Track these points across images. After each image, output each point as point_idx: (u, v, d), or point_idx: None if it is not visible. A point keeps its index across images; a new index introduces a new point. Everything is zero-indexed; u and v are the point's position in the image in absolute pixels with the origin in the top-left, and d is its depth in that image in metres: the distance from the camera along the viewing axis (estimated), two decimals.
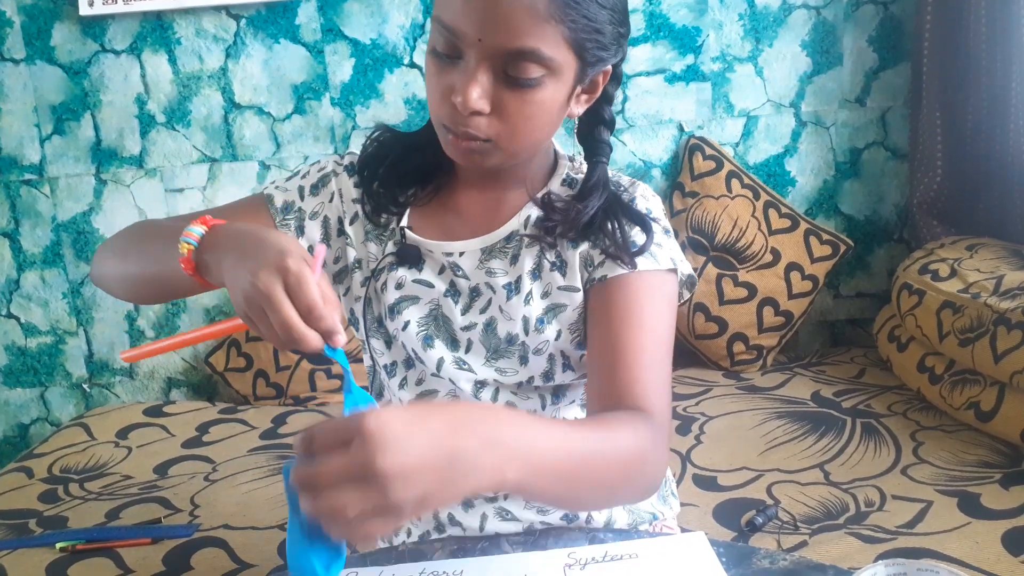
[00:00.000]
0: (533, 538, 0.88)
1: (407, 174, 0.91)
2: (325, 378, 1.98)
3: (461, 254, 0.88)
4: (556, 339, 0.88)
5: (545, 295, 0.87)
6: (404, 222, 0.89)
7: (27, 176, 2.07)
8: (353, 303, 0.93)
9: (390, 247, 0.90)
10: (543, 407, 0.91)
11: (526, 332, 0.87)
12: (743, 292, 1.96)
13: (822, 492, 1.37)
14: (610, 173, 0.91)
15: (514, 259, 0.88)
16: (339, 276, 0.94)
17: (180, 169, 2.08)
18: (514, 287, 0.87)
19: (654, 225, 0.86)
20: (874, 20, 2.05)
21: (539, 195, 0.88)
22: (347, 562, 0.82)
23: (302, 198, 0.91)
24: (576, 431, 0.67)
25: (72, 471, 1.70)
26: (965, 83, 1.92)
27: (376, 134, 0.93)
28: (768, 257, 1.99)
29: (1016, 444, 1.45)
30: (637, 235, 0.85)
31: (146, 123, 2.05)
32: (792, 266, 1.99)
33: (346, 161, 0.94)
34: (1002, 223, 1.90)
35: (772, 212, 2.02)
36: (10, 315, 2.13)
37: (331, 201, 0.92)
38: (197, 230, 0.74)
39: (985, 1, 1.83)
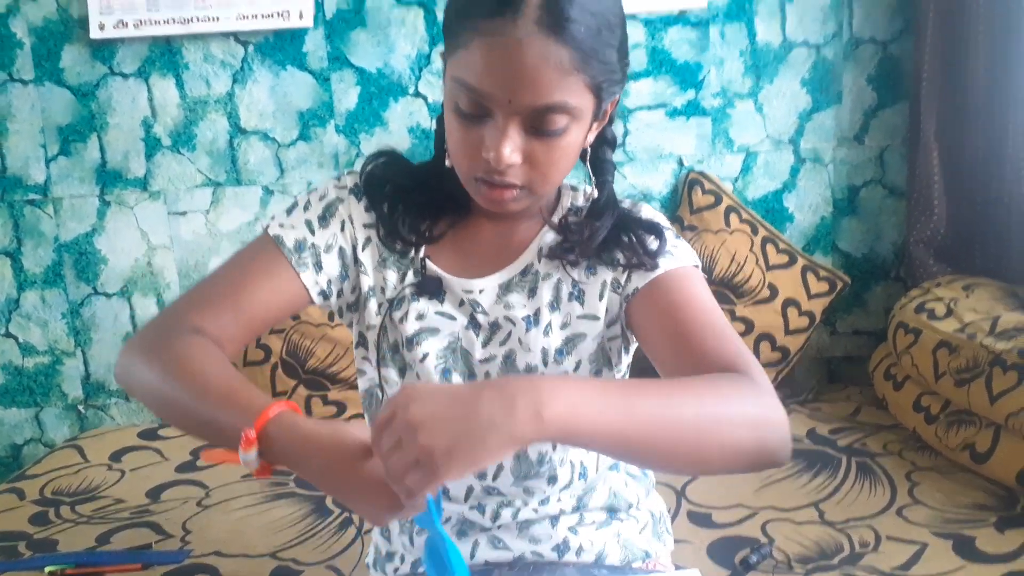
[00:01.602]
0: (526, 573, 0.88)
1: (421, 206, 0.90)
2: (321, 404, 1.98)
3: (480, 291, 0.89)
4: (575, 371, 0.88)
5: (564, 326, 0.88)
6: (422, 252, 0.90)
7: (31, 196, 2.08)
8: (366, 330, 0.92)
9: (410, 277, 0.89)
10: (553, 447, 0.90)
11: (545, 364, 0.87)
12: (740, 327, 1.96)
13: (817, 532, 1.36)
14: None
15: (532, 292, 0.89)
16: (353, 306, 0.93)
17: (184, 192, 2.09)
18: (533, 319, 0.88)
19: (666, 232, 0.89)
20: (873, 60, 2.08)
21: (555, 219, 0.90)
22: None
23: (312, 232, 0.88)
24: (630, 386, 0.65)
25: (64, 493, 1.70)
26: (963, 124, 1.94)
27: (381, 159, 0.92)
28: (765, 292, 1.99)
29: (1011, 487, 1.44)
30: (652, 243, 0.87)
31: (152, 146, 2.07)
32: (789, 302, 1.99)
33: (349, 183, 0.92)
34: (999, 263, 1.91)
35: (770, 247, 2.03)
36: (8, 334, 2.13)
37: (342, 230, 0.90)
38: (251, 456, 0.70)
39: (983, 43, 1.86)
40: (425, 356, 0.88)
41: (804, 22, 2.06)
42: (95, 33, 1.98)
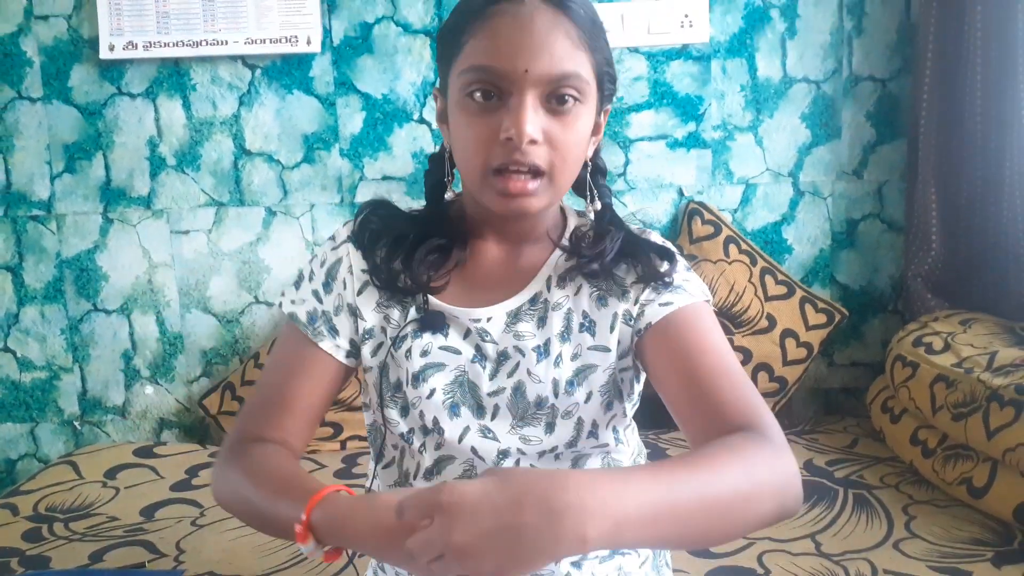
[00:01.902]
0: None
1: (423, 260, 0.89)
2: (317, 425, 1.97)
3: (488, 319, 0.88)
4: (586, 402, 0.87)
5: (575, 356, 0.87)
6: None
7: (35, 212, 2.10)
8: (365, 372, 0.92)
9: (413, 313, 0.89)
10: None
11: (556, 395, 0.87)
12: (739, 356, 1.93)
13: (813, 563, 1.36)
14: None
15: (541, 321, 0.88)
16: (355, 352, 0.93)
17: (187, 211, 2.11)
18: (543, 350, 0.87)
19: (678, 260, 0.89)
20: (872, 96, 2.11)
21: (564, 241, 0.91)
22: None
23: (320, 301, 0.91)
24: (662, 476, 0.62)
25: (58, 510, 1.68)
26: (960, 161, 1.96)
27: (378, 209, 0.94)
28: (764, 323, 2.00)
29: (1008, 522, 1.44)
30: (662, 265, 0.88)
31: (156, 165, 2.09)
32: (787, 333, 2.00)
33: (344, 234, 0.93)
34: (996, 299, 1.92)
35: (769, 279, 2.04)
36: (7, 348, 2.13)
37: (345, 288, 0.91)
38: (309, 547, 0.72)
39: (980, 82, 1.89)
40: (432, 392, 0.87)
41: (804, 59, 2.09)
42: (105, 54, 2.01)
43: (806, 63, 2.09)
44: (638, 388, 0.93)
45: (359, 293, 0.91)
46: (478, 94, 0.79)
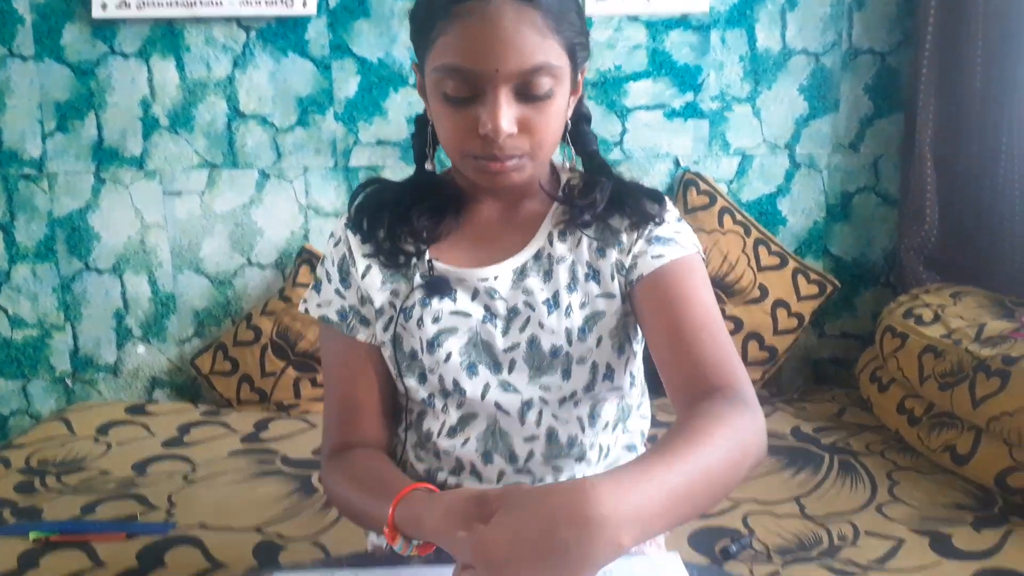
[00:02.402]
0: None
1: (419, 216, 0.91)
2: (310, 386, 1.98)
3: (495, 278, 0.89)
4: (597, 346, 0.89)
5: (584, 305, 0.89)
6: (427, 255, 0.91)
7: (26, 171, 2.08)
8: (381, 347, 0.93)
9: (418, 279, 0.90)
10: (582, 430, 0.92)
11: (569, 343, 0.88)
12: (730, 326, 1.98)
13: (797, 525, 1.38)
14: None
15: (547, 275, 0.89)
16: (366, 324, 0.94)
17: (180, 173, 2.10)
18: (553, 302, 0.89)
19: (668, 202, 0.91)
20: (871, 70, 2.10)
21: (559, 192, 0.92)
22: (321, 564, 0.83)
23: (344, 297, 0.93)
24: (675, 464, 0.64)
25: (50, 464, 1.70)
26: (957, 135, 1.97)
27: (368, 188, 0.95)
28: (756, 293, 2.01)
29: (989, 488, 1.46)
30: (653, 208, 0.90)
31: (149, 126, 2.08)
32: (779, 303, 2.01)
33: (342, 224, 0.95)
34: (987, 273, 1.93)
35: (762, 249, 2.05)
36: None
37: (362, 277, 0.92)
38: (398, 546, 0.77)
39: (980, 56, 1.88)
40: (448, 356, 0.89)
41: (804, 30, 2.08)
42: (97, 12, 1.99)
43: (805, 35, 2.08)
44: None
45: (363, 276, 0.92)
46: (452, 91, 0.80)
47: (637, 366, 0.96)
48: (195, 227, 2.12)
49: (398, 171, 2.09)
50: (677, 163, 2.14)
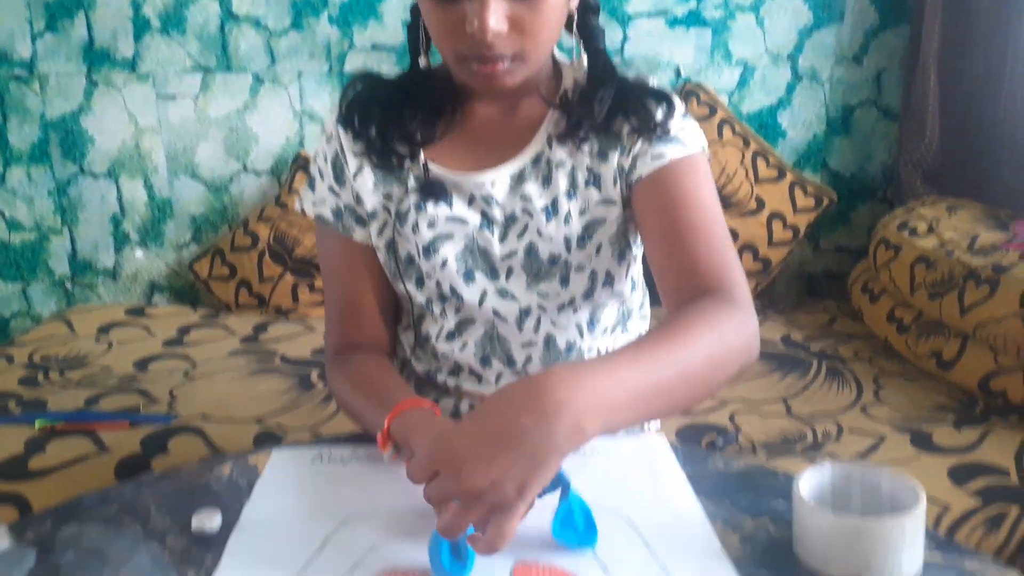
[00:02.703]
0: None
1: (412, 114, 0.88)
2: (308, 291, 2.00)
3: (492, 183, 0.87)
4: (597, 254, 0.88)
5: (583, 212, 0.87)
6: (422, 157, 0.88)
7: (17, 72, 2.05)
8: (375, 252, 0.92)
9: (412, 183, 0.87)
10: (581, 336, 0.92)
11: (568, 251, 0.87)
12: None
13: (782, 423, 1.42)
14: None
15: (546, 181, 0.87)
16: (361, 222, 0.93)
17: (173, 76, 2.07)
18: (551, 209, 0.86)
19: (675, 106, 0.86)
20: None
21: (557, 98, 0.88)
22: (318, 443, 0.85)
23: (338, 195, 0.91)
24: (642, 358, 0.64)
25: (52, 360, 1.73)
26: (963, 48, 1.93)
27: (359, 83, 0.91)
28: (752, 205, 2.01)
29: (972, 392, 1.50)
30: (659, 112, 0.85)
31: (140, 27, 2.03)
32: (775, 215, 2.02)
33: (334, 119, 0.92)
34: (985, 187, 1.93)
35: (760, 161, 2.04)
36: None
37: (354, 177, 0.90)
38: (388, 454, 0.77)
39: None
40: (445, 262, 0.87)
41: None
42: None
43: None
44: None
45: (355, 177, 0.89)
46: None
47: (638, 269, 0.96)
48: (189, 132, 2.10)
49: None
50: (678, 73, 2.11)
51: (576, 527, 0.65)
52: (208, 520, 0.68)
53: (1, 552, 0.66)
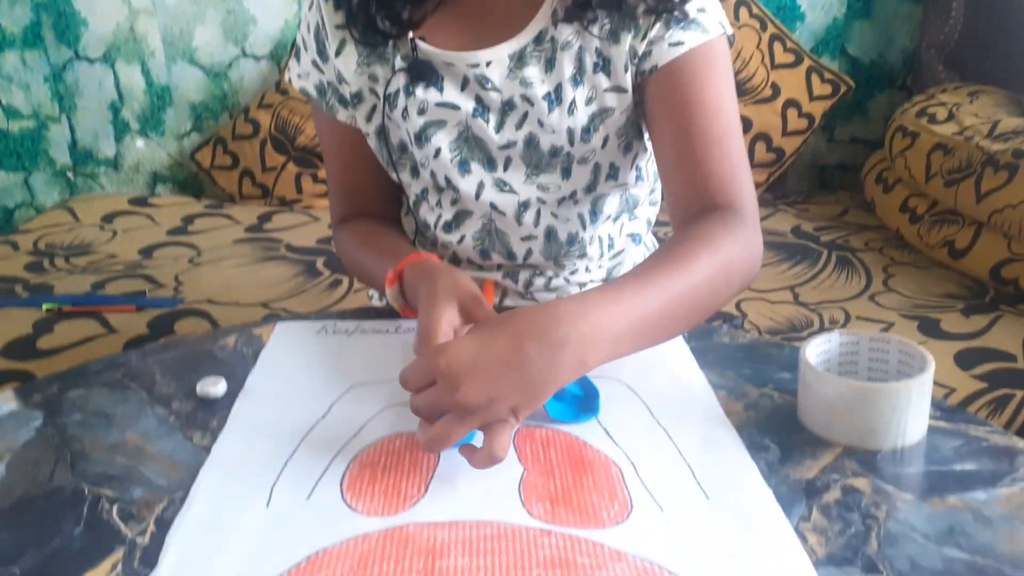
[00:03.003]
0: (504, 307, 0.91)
1: None
2: (311, 181, 1.97)
3: (488, 64, 0.79)
4: (603, 147, 0.83)
5: (590, 101, 0.80)
6: (411, 33, 0.81)
7: None
8: (367, 139, 0.88)
9: (399, 63, 0.81)
10: (583, 227, 0.88)
11: (571, 143, 0.82)
12: None
13: (789, 310, 1.41)
14: None
15: (550, 64, 0.80)
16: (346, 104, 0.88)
17: None
18: (554, 97, 0.80)
19: None
20: None
21: None
22: (322, 317, 0.85)
23: (322, 71, 0.86)
24: (647, 288, 0.63)
25: (57, 247, 1.72)
26: None
27: None
28: (767, 92, 1.95)
29: (983, 281, 1.49)
30: None
31: None
32: (790, 103, 1.96)
33: None
34: (1009, 72, 1.86)
35: (777, 45, 1.97)
36: None
37: (336, 54, 0.84)
38: (394, 291, 0.77)
39: None
40: (438, 151, 0.82)
41: None
42: None
43: None
44: None
45: (337, 54, 0.83)
46: None
47: (646, 159, 0.90)
48: (186, 14, 2.02)
49: None
50: None
51: (576, 398, 0.65)
52: (213, 387, 0.68)
53: (7, 413, 0.66)
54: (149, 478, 0.58)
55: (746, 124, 1.94)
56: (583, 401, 0.65)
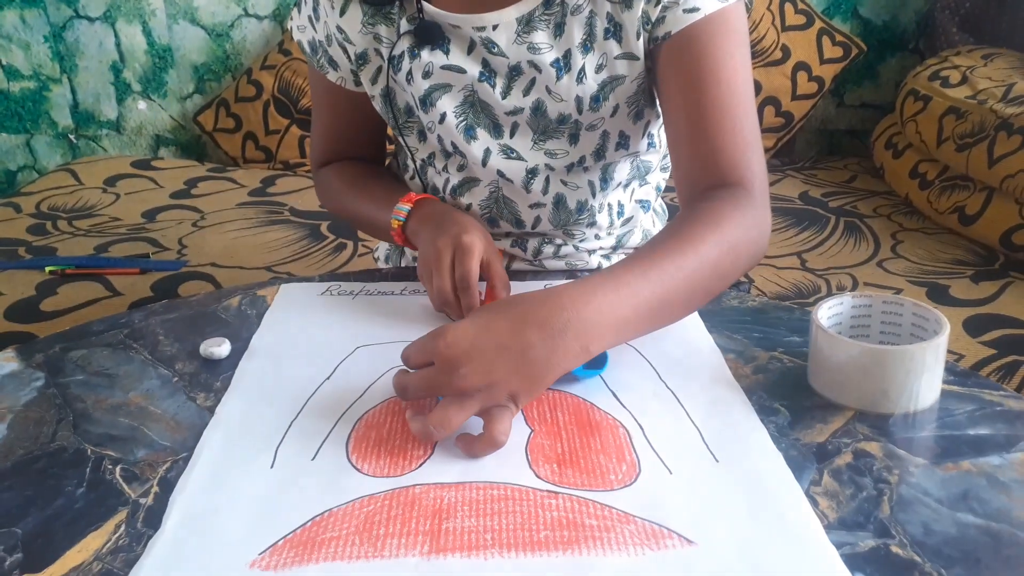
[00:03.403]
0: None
1: None
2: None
3: (495, 27, 0.77)
4: (612, 115, 0.80)
5: (600, 68, 0.78)
6: None
7: None
8: (372, 101, 0.86)
9: (404, 25, 0.79)
10: (593, 194, 0.86)
11: (580, 111, 0.80)
12: None
13: (796, 276, 1.40)
14: None
15: (559, 29, 0.77)
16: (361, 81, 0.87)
17: None
18: (563, 64, 0.77)
19: None
20: None
21: None
22: (329, 277, 0.84)
23: (315, 28, 0.84)
24: (651, 273, 0.62)
25: (60, 210, 1.71)
26: None
27: None
28: (777, 54, 1.92)
29: (993, 247, 1.47)
30: None
31: None
32: (800, 66, 1.92)
33: None
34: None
35: (788, 7, 1.93)
36: None
37: (331, 10, 0.82)
38: (405, 207, 0.81)
39: None
40: (443, 116, 0.81)
41: None
42: None
43: None
44: None
45: (342, 13, 0.81)
46: None
47: (659, 126, 0.87)
48: None
49: None
50: None
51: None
52: (216, 347, 0.68)
53: (8, 373, 0.66)
54: (153, 439, 0.57)
55: (755, 88, 1.90)
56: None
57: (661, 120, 0.87)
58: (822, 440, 0.56)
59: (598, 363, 0.64)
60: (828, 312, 0.63)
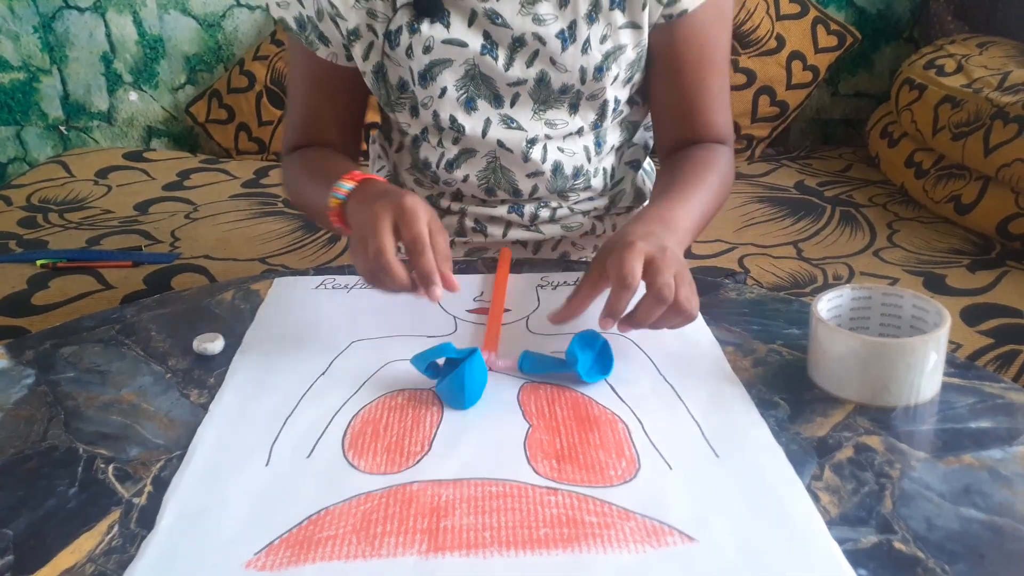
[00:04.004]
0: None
1: None
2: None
3: None
4: (612, 84, 0.82)
5: (604, 39, 0.78)
6: None
7: None
8: (363, 77, 0.84)
9: None
10: (588, 159, 0.87)
11: (583, 82, 0.80)
12: (742, 79, 1.90)
13: (792, 265, 1.40)
14: None
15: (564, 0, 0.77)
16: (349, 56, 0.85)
17: None
18: (568, 35, 0.77)
19: None
20: None
21: None
22: (322, 270, 0.83)
23: (303, 4, 0.81)
24: (690, 196, 0.77)
25: (51, 202, 1.70)
26: None
27: None
28: (772, 43, 1.91)
29: (989, 236, 1.47)
30: None
31: None
32: (795, 55, 1.91)
33: None
34: (1021, 23, 1.82)
35: None
36: None
37: None
38: (346, 185, 0.71)
39: None
40: (444, 91, 0.80)
41: None
42: None
43: None
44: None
45: None
46: None
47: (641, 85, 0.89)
48: None
49: None
50: None
51: (597, 358, 0.63)
52: (210, 343, 0.67)
53: None
54: (146, 437, 0.57)
55: (750, 77, 1.91)
56: (600, 359, 0.63)
57: (642, 77, 0.88)
58: (823, 434, 0.55)
59: (604, 368, 0.63)
60: (828, 304, 0.63)
